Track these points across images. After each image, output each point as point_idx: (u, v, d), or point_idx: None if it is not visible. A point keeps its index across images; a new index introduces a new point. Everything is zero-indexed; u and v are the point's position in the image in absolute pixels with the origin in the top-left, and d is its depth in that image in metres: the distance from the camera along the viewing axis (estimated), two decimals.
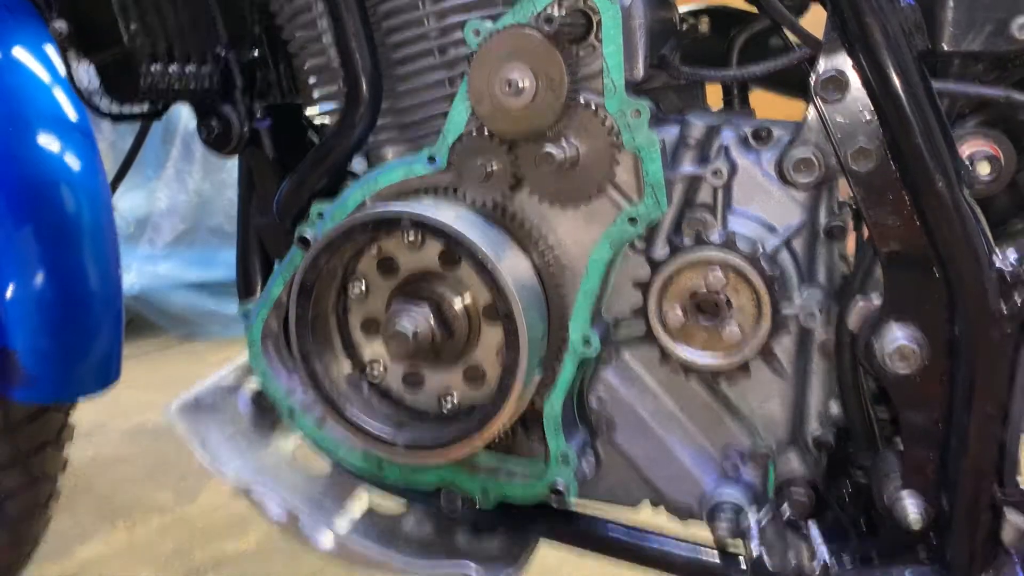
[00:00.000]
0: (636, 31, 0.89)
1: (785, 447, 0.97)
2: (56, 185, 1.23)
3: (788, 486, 0.96)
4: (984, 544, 0.84)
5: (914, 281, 0.84)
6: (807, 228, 0.93)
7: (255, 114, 1.07)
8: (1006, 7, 0.82)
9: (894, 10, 0.80)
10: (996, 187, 0.88)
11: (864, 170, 0.83)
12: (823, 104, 0.84)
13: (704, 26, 1.14)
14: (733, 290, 0.90)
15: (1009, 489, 0.83)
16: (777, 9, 0.94)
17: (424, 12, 0.96)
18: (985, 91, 0.87)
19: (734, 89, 1.13)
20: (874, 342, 0.85)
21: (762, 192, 0.92)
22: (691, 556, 1.01)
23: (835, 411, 0.96)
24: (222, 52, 1.06)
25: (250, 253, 1.16)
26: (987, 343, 0.80)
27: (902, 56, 0.80)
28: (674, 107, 1.10)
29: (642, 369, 0.98)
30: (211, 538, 2.03)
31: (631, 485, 1.02)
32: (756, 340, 0.91)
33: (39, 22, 1.24)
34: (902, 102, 0.79)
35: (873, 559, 0.91)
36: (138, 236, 3.79)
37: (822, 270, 0.95)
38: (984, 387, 0.81)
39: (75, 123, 1.28)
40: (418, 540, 1.09)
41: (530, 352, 0.90)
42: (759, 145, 0.92)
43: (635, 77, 0.89)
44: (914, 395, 0.86)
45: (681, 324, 0.91)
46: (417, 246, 0.97)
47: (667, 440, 0.98)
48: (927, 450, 0.86)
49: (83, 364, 1.26)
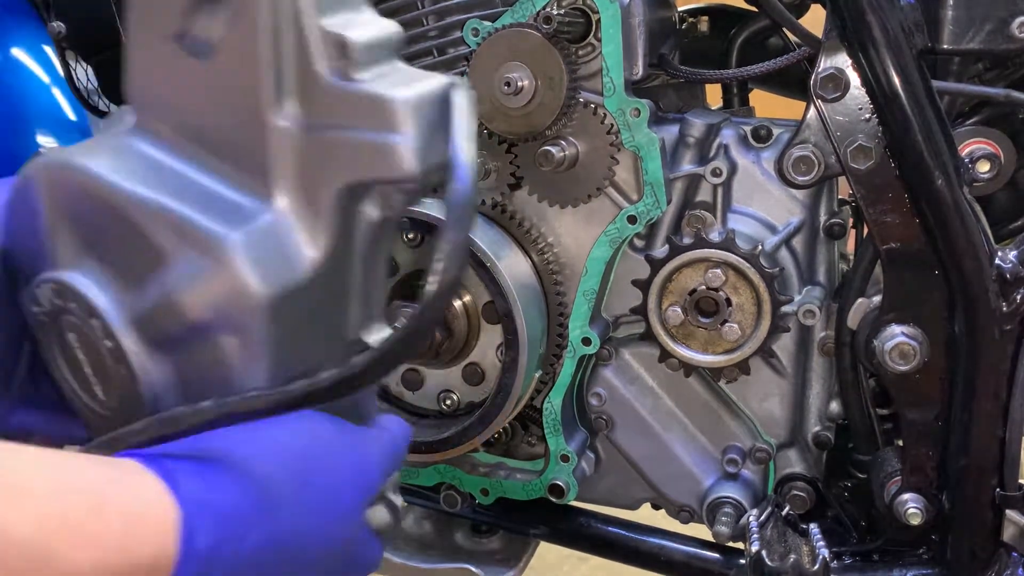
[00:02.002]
0: (635, 30, 0.88)
1: (785, 446, 0.97)
2: None
3: (788, 484, 0.97)
4: (985, 543, 0.84)
5: (914, 279, 0.84)
6: (807, 227, 0.93)
7: None
8: (1006, 6, 0.82)
9: (894, 9, 0.80)
10: (995, 185, 0.88)
11: (864, 168, 0.83)
12: (823, 103, 0.84)
13: (703, 25, 1.14)
14: (733, 289, 0.90)
15: (1010, 488, 0.82)
16: (777, 8, 0.93)
17: (423, 12, 0.96)
18: (985, 90, 0.87)
19: (734, 88, 1.12)
20: (874, 340, 0.85)
21: (762, 191, 0.92)
22: (691, 555, 1.01)
23: (835, 409, 0.96)
24: None
25: None
26: (987, 341, 0.80)
27: (902, 55, 0.80)
28: (674, 106, 1.10)
29: (642, 368, 0.98)
30: None
31: (631, 485, 1.02)
32: (756, 339, 0.91)
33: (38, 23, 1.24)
34: (902, 101, 0.79)
35: (873, 558, 0.91)
36: None
37: (822, 268, 0.95)
38: (984, 385, 0.81)
39: (74, 123, 1.28)
40: (417, 539, 1.10)
41: (529, 351, 0.90)
42: (759, 144, 0.92)
43: (634, 76, 0.89)
44: (914, 393, 0.86)
45: (681, 323, 0.91)
46: (416, 245, 0.97)
47: (667, 439, 0.98)
48: (927, 449, 0.86)
49: None
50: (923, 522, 0.86)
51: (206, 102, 0.60)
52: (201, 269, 0.56)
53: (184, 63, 0.59)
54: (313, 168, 0.59)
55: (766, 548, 0.81)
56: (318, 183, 0.59)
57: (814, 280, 0.94)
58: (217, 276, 0.56)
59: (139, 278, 0.59)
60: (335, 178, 0.59)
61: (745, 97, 1.12)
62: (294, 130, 0.58)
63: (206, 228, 0.56)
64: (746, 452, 0.97)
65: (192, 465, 0.54)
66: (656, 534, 1.04)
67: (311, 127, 0.58)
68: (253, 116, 0.58)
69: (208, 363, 0.59)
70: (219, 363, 0.58)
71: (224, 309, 0.56)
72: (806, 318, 0.90)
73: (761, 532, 0.84)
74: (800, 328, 0.93)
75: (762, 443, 0.96)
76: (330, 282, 0.62)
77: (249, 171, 0.59)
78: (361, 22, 0.60)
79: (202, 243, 0.56)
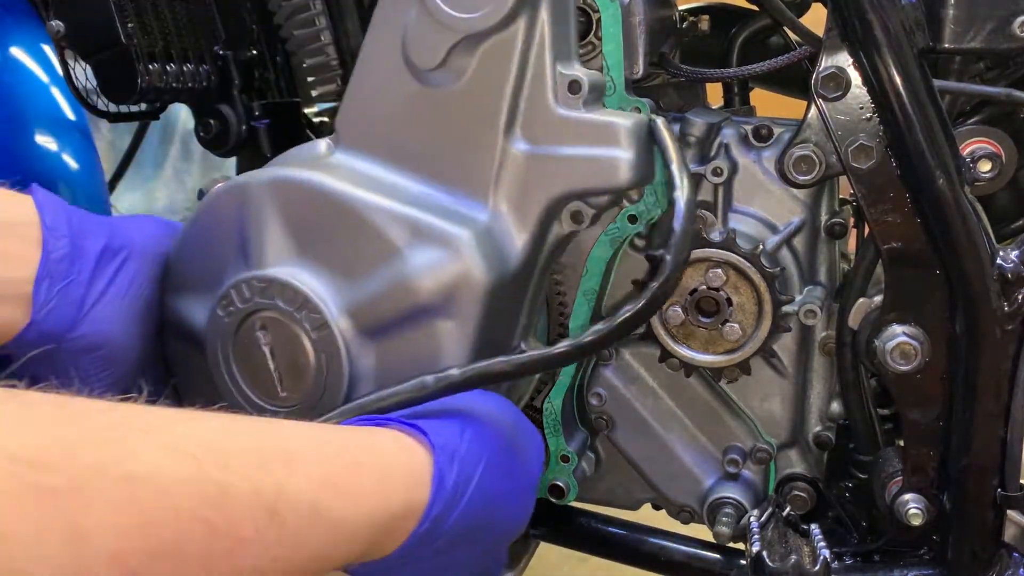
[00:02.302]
0: (636, 29, 0.88)
1: (786, 446, 0.97)
2: (54, 184, 1.22)
3: (789, 485, 0.97)
4: (986, 543, 0.84)
5: (915, 279, 0.84)
6: (808, 226, 0.93)
7: (253, 113, 1.07)
8: (1007, 5, 0.82)
9: (895, 7, 0.79)
10: (997, 184, 0.88)
11: (865, 167, 0.83)
12: (823, 102, 0.84)
13: (704, 24, 1.14)
14: (733, 288, 0.90)
15: (1011, 488, 0.82)
16: (778, 7, 0.93)
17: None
18: (986, 89, 0.87)
19: (734, 87, 1.12)
20: (875, 340, 0.85)
21: (763, 190, 0.92)
22: (691, 555, 1.01)
23: (836, 410, 0.96)
24: (220, 51, 1.06)
25: None
26: (988, 341, 0.80)
27: (903, 54, 0.79)
28: (674, 105, 1.10)
29: (642, 368, 0.97)
30: None
31: (631, 485, 1.02)
32: (757, 338, 0.90)
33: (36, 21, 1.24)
34: (903, 99, 0.79)
35: (874, 558, 0.91)
36: None
37: (823, 268, 0.95)
38: (985, 385, 0.81)
39: (73, 123, 1.28)
40: None
41: None
42: (759, 143, 0.92)
43: (635, 75, 0.89)
44: (915, 393, 0.86)
45: (681, 323, 0.91)
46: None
47: (667, 439, 0.98)
48: (928, 449, 0.86)
49: None
50: (924, 522, 0.86)
51: (429, 126, 0.73)
52: (436, 260, 0.69)
53: (418, 94, 0.73)
54: (530, 181, 0.72)
55: (767, 548, 0.81)
56: (532, 194, 0.73)
57: (815, 280, 0.94)
58: (451, 265, 0.69)
59: (362, 272, 0.70)
60: (550, 189, 0.73)
61: (746, 96, 1.12)
62: (519, 149, 0.72)
63: (440, 227, 0.70)
64: (747, 452, 0.97)
65: (436, 421, 0.63)
66: (656, 534, 1.04)
67: (534, 147, 0.72)
68: (482, 137, 0.72)
69: (412, 347, 0.71)
70: (425, 346, 0.70)
71: (451, 292, 0.69)
72: (807, 318, 0.90)
73: (762, 532, 0.84)
74: (801, 328, 0.93)
75: (763, 443, 0.96)
76: (518, 285, 0.75)
77: (466, 181, 0.72)
78: (578, 68, 0.75)
79: (437, 239, 0.69)
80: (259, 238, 0.73)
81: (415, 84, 0.73)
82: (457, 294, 0.70)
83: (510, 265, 0.73)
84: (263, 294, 0.73)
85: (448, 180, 0.74)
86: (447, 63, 0.72)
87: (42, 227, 0.72)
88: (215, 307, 0.75)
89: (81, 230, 0.75)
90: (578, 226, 0.76)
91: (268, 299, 0.73)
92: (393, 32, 0.74)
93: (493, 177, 0.73)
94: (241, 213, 0.74)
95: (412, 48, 0.72)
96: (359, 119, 0.77)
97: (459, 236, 0.70)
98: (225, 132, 1.05)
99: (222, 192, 0.77)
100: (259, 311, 0.73)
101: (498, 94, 0.72)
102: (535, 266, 0.77)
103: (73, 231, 0.74)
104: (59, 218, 0.74)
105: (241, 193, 0.74)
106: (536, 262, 0.77)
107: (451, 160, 0.74)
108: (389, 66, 0.74)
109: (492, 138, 0.72)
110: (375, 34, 0.75)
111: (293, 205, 0.73)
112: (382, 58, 0.74)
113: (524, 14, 0.72)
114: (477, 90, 0.73)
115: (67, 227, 0.73)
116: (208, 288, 0.76)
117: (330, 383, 0.72)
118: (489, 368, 0.67)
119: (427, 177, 0.74)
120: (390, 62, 0.74)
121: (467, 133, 0.73)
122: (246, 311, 0.74)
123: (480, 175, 0.73)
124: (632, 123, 0.73)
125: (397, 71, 0.73)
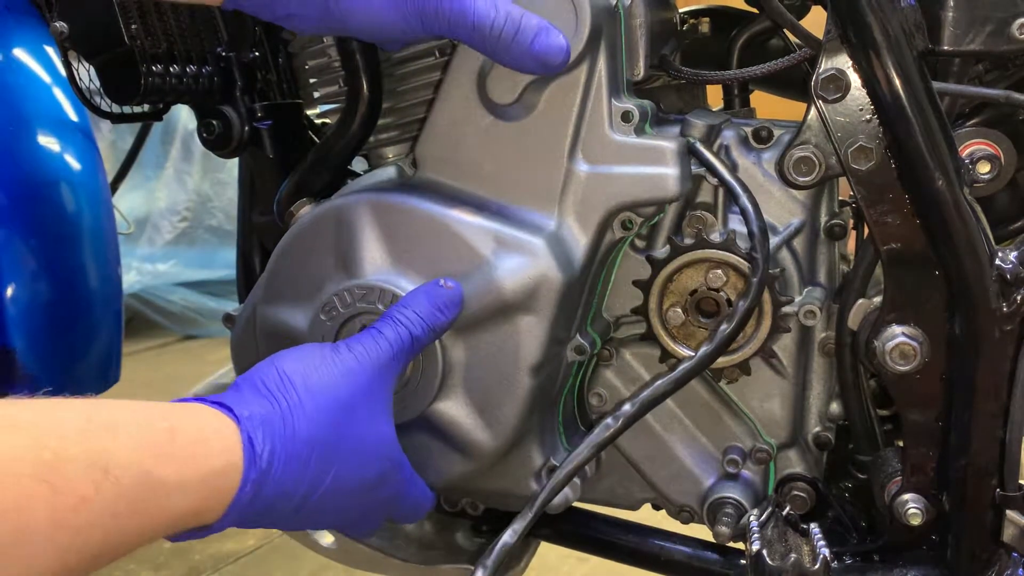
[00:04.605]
0: (637, 31, 0.89)
1: (785, 446, 0.97)
2: (56, 185, 1.23)
3: (788, 485, 0.97)
4: (985, 543, 0.84)
5: (914, 280, 0.84)
6: (808, 227, 0.93)
7: (255, 114, 1.07)
8: (1006, 7, 0.82)
9: (894, 10, 0.80)
10: (996, 186, 0.89)
11: (864, 169, 0.83)
12: (823, 104, 0.84)
13: (705, 27, 1.14)
14: (734, 289, 0.90)
15: (1010, 488, 0.83)
16: (777, 10, 0.94)
17: None
18: (985, 91, 0.87)
19: (735, 89, 1.13)
20: (874, 341, 0.85)
21: (763, 191, 0.92)
22: (691, 555, 1.01)
23: (835, 410, 0.96)
24: (222, 52, 1.06)
25: (250, 253, 1.16)
26: (987, 341, 0.81)
27: (902, 56, 0.80)
28: (675, 107, 1.11)
29: (642, 368, 0.98)
30: (210, 538, 2.03)
31: (631, 485, 1.02)
32: (756, 339, 0.91)
33: (39, 22, 1.25)
34: (902, 101, 0.80)
35: (874, 558, 0.91)
36: (138, 236, 3.80)
37: (823, 269, 0.95)
38: (985, 386, 0.81)
39: (75, 123, 1.28)
40: (418, 540, 1.10)
41: None
42: (759, 145, 0.93)
43: (636, 77, 0.89)
44: (914, 394, 0.86)
45: (682, 323, 0.92)
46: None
47: (667, 439, 0.98)
48: (928, 449, 0.87)
49: (83, 364, 1.26)
50: (923, 522, 0.86)
51: (503, 152, 0.86)
52: (518, 265, 0.82)
53: (491, 125, 0.86)
54: (590, 195, 0.85)
55: (767, 548, 0.81)
56: (592, 206, 0.85)
57: (815, 281, 0.94)
58: (531, 268, 0.82)
59: (452, 277, 0.82)
60: (608, 201, 0.85)
61: (746, 98, 1.12)
62: (581, 169, 0.85)
63: (520, 236, 0.83)
64: (747, 452, 0.97)
65: (246, 394, 0.70)
66: (656, 534, 1.04)
67: (594, 167, 0.85)
68: (550, 160, 0.85)
69: (497, 339, 0.84)
70: (509, 337, 0.83)
71: (532, 291, 0.82)
72: (807, 319, 0.91)
73: (762, 532, 0.84)
74: (801, 329, 0.93)
75: (763, 443, 0.96)
76: (580, 284, 0.87)
77: (536, 197, 0.86)
78: (628, 100, 0.87)
79: (518, 247, 0.83)
80: (358, 252, 0.86)
81: (489, 117, 0.86)
82: (537, 292, 0.82)
83: (575, 266, 0.85)
84: (363, 299, 0.85)
85: (520, 196, 0.86)
86: (521, 99, 0.85)
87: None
88: (317, 313, 0.87)
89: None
90: (627, 232, 0.88)
91: (368, 303, 0.85)
92: (469, 76, 0.86)
93: (559, 193, 0.85)
94: (338, 232, 0.86)
95: (492, 86, 0.85)
96: (439, 147, 0.89)
97: (536, 243, 0.82)
98: (227, 133, 1.05)
99: (316, 216, 0.89)
100: (360, 314, 0.85)
101: (564, 124, 0.85)
102: (592, 267, 0.88)
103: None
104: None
105: (336, 215, 0.87)
106: (593, 264, 0.88)
107: (523, 179, 0.86)
108: (465, 103, 0.87)
109: (558, 160, 0.85)
110: (452, 78, 0.87)
111: (388, 223, 0.85)
112: (459, 97, 0.87)
113: (587, 58, 0.83)
114: (546, 121, 0.85)
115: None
116: (307, 297, 0.88)
117: (425, 372, 0.85)
118: (654, 393, 0.84)
119: (501, 194, 0.87)
120: (467, 100, 0.87)
121: (537, 157, 0.85)
122: (347, 315, 0.86)
123: (548, 191, 0.85)
124: (677, 145, 0.85)
125: (473, 106, 0.87)
